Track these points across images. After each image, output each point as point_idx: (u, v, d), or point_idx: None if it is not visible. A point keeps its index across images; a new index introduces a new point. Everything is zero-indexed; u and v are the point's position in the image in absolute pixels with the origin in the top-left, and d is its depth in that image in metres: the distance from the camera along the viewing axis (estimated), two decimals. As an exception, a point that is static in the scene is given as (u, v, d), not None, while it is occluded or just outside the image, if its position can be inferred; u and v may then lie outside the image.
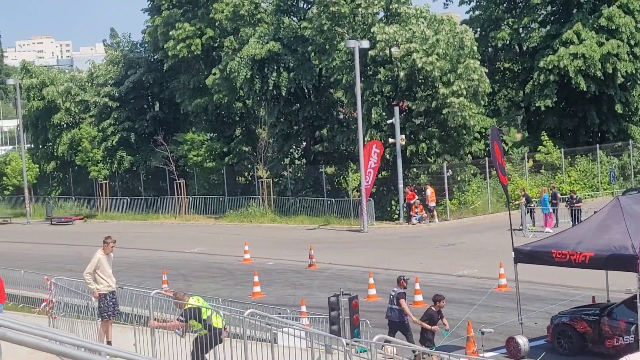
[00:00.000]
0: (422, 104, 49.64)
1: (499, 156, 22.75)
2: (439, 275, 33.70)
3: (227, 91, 58.12)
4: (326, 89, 57.83)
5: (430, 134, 50.40)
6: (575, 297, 25.44)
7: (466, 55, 49.44)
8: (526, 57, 60.03)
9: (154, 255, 44.12)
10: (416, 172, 51.24)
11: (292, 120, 57.99)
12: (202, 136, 62.49)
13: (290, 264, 38.84)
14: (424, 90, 50.00)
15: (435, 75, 48.43)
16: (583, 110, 57.84)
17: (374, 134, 50.71)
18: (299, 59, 54.73)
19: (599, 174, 55.12)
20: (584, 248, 20.25)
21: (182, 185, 61.22)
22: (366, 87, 50.75)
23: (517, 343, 21.59)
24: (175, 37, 59.54)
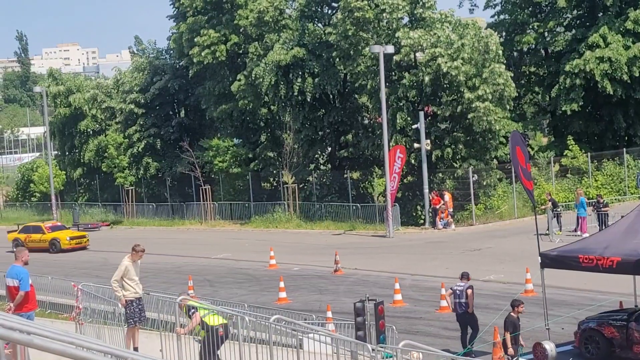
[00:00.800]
0: (447, 109, 49.54)
1: (522, 161, 22.63)
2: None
3: (252, 97, 58.25)
4: (351, 94, 57.85)
5: (455, 138, 50.29)
6: (602, 303, 25.26)
7: (491, 60, 49.32)
8: (552, 61, 59.77)
9: (180, 261, 44.25)
10: (442, 177, 51.14)
11: (317, 126, 58.02)
12: (227, 142, 62.63)
13: (315, 270, 38.84)
14: (449, 94, 49.90)
15: (460, 79, 48.33)
16: (609, 114, 57.51)
17: (399, 139, 50.65)
18: (323, 64, 54.77)
19: (625, 178, 54.76)
20: (611, 253, 20.10)
21: (208, 191, 61.36)
22: (391, 92, 50.70)
23: (544, 349, 21.46)
24: (200, 43, 59.73)
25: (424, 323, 27.11)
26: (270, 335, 16.46)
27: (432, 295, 30.27)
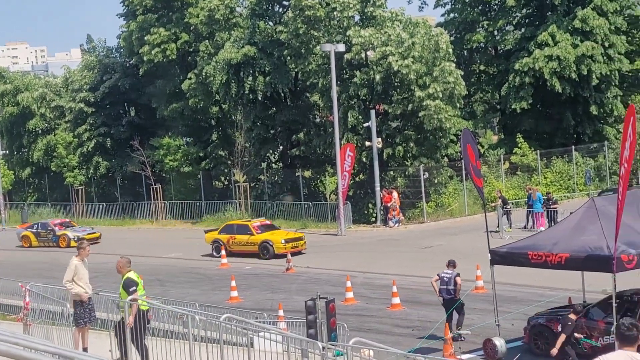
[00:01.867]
0: (398, 107, 49.71)
1: (472, 159, 22.75)
2: (416, 277, 33.68)
3: (203, 96, 58.02)
4: (302, 92, 57.86)
5: (406, 136, 50.48)
6: (551, 298, 25.45)
7: (442, 58, 49.57)
8: (501, 59, 60.28)
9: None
10: (393, 175, 51.31)
11: (268, 125, 57.94)
12: (178, 141, 62.36)
13: (267, 268, 38.79)
14: (400, 93, 50.08)
15: (411, 78, 48.52)
16: (558, 112, 58.12)
17: (351, 137, 50.75)
18: (274, 63, 54.67)
19: (574, 175, 55.37)
20: (560, 249, 20.25)
21: (159, 190, 60.99)
22: (342, 90, 50.77)
23: (494, 345, 21.59)
24: (151, 42, 59.39)
25: (376, 320, 27.16)
26: (221, 334, 16.39)
27: (384, 292, 30.34)
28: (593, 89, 56.71)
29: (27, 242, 52.16)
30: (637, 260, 19.31)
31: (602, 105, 58.05)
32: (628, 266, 19.22)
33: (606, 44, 56.38)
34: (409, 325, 26.13)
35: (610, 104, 58.27)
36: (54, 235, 51.44)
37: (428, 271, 34.23)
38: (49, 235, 51.61)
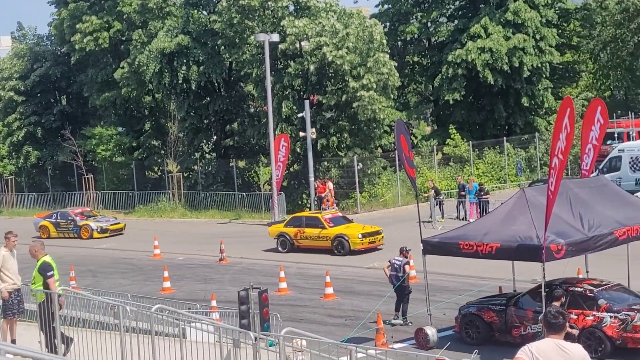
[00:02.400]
0: (332, 98, 49.76)
1: (405, 149, 22.90)
2: (349, 267, 33.87)
3: (135, 85, 57.46)
4: (236, 82, 57.63)
5: (340, 127, 50.57)
6: (482, 288, 25.76)
7: (376, 49, 49.71)
8: (435, 51, 60.70)
9: (62, 252, 43.14)
10: (327, 165, 51.38)
11: (202, 114, 57.63)
12: (110, 130, 61.71)
13: (201, 259, 38.62)
14: (334, 83, 50.13)
15: (345, 68, 48.58)
16: (491, 104, 58.72)
17: (285, 127, 50.68)
18: (208, 52, 54.34)
19: (506, 166, 56.01)
20: (491, 239, 20.50)
21: (91, 180, 60.29)
22: (276, 80, 50.66)
23: (425, 334, 21.80)
24: (82, 30, 58.66)
25: (309, 310, 27.21)
26: (152, 325, 16.27)
27: (317, 282, 30.41)
28: (524, 80, 57.42)
29: (46, 233, 48.69)
30: (566, 250, 19.63)
31: (533, 97, 58.81)
32: (557, 256, 19.53)
33: (537, 36, 57.09)
34: (342, 315, 26.22)
35: (541, 95, 59.07)
36: (74, 225, 48.39)
37: (361, 261, 34.54)
38: (70, 225, 48.60)
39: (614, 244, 21.07)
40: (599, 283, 21.30)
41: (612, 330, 19.86)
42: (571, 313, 20.26)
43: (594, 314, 20.13)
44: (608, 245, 20.90)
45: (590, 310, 20.25)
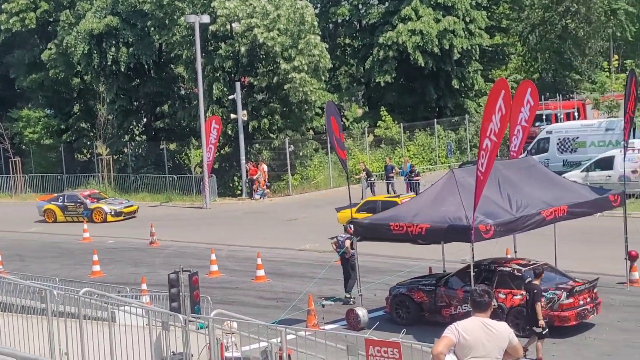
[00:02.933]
0: (263, 80, 49.60)
1: (336, 131, 22.94)
2: (281, 250, 33.87)
3: (64, 66, 56.67)
4: (167, 64, 57.12)
5: (272, 109, 50.47)
6: (412, 268, 25.94)
7: (307, 31, 49.63)
8: (366, 33, 60.78)
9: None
10: (258, 147, 51.26)
11: (132, 97, 57.00)
12: (38, 113, 60.79)
13: (131, 242, 38.28)
14: (266, 65, 49.95)
15: (276, 50, 48.43)
16: (421, 86, 59.03)
17: (216, 109, 50.41)
18: (138, 33, 53.73)
19: (436, 147, 56.43)
20: (421, 220, 20.63)
21: (18, 163, 59.24)
22: (207, 62, 50.30)
23: (356, 315, 21.89)
24: (8, 10, 57.63)
25: (241, 293, 27.17)
26: (80, 308, 16.08)
27: (249, 265, 30.34)
28: (455, 63, 57.81)
29: (52, 217, 46.36)
30: (495, 230, 19.85)
31: (463, 79, 59.27)
32: (485, 236, 19.73)
33: (467, 19, 57.51)
34: (274, 297, 26.22)
35: (471, 78, 59.56)
36: (85, 209, 45.94)
37: (293, 243, 34.58)
38: (79, 209, 46.15)
39: (542, 224, 21.37)
40: (527, 263, 21.59)
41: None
42: (499, 292, 20.56)
43: (522, 293, 20.38)
44: (535, 226, 21.19)
45: (518, 289, 20.51)
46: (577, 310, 20.20)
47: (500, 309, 20.34)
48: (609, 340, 19.49)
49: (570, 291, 20.08)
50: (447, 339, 9.49)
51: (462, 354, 9.50)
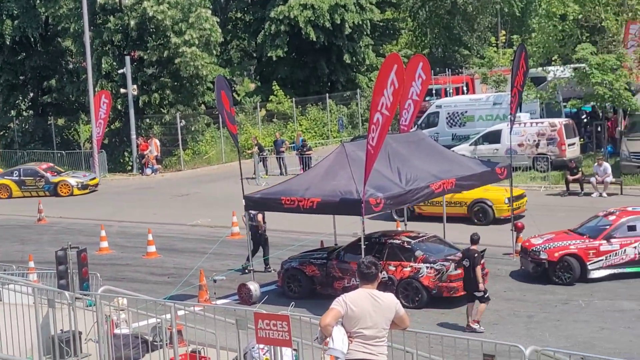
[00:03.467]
0: (153, 54, 48.97)
1: (227, 106, 22.77)
2: (172, 225, 33.60)
3: (-56, 39, 54.82)
4: (54, 38, 55.84)
5: (162, 84, 49.91)
6: (304, 242, 26.06)
7: (197, 5, 49.15)
8: (257, 7, 60.38)
9: None
10: (149, 122, 50.68)
11: (17, 71, 55.50)
12: None
13: (18, 219, 37.47)
14: (156, 39, 49.31)
15: (166, 24, 47.85)
16: (313, 61, 59.04)
17: (105, 84, 49.59)
18: (23, 6, 52.35)
19: (328, 122, 56.64)
20: (312, 194, 20.69)
21: None
22: (95, 36, 49.41)
23: (248, 289, 21.88)
24: None
25: (131, 269, 26.86)
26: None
27: (139, 241, 30.01)
28: (346, 38, 57.96)
29: (7, 193, 43.95)
30: (385, 204, 20.05)
31: (354, 54, 59.48)
32: (376, 209, 19.93)
33: (358, -7, 57.69)
34: (165, 273, 26.01)
35: (363, 53, 59.83)
36: (47, 182, 43.89)
37: (184, 219, 34.35)
38: (40, 183, 43.99)
39: (430, 196, 21.72)
40: (416, 235, 21.90)
41: (429, 280, 20.49)
42: (389, 265, 20.81)
43: (411, 265, 20.70)
44: (425, 198, 21.53)
45: (408, 261, 20.81)
46: (465, 281, 20.55)
47: (391, 280, 20.63)
48: (495, 310, 19.93)
49: (459, 262, 20.44)
50: (335, 311, 9.57)
51: (350, 325, 9.59)
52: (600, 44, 40.55)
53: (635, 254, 22.08)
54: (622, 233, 22.31)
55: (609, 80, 36.91)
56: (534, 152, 38.44)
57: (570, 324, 18.98)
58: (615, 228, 22.43)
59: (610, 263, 22.08)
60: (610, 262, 22.08)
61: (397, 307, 9.81)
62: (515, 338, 17.11)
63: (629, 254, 22.09)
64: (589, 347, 17.18)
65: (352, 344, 9.58)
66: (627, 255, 22.08)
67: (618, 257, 22.09)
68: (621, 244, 22.13)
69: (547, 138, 38.30)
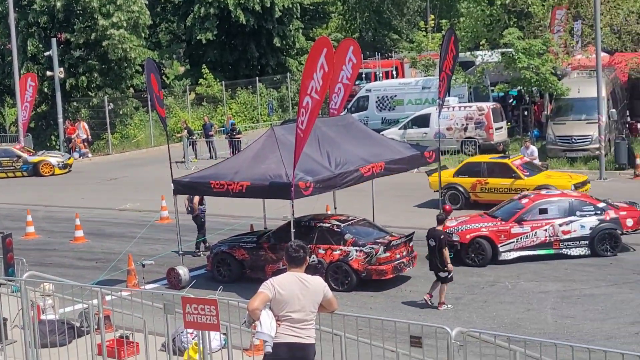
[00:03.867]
0: (81, 36, 48.37)
1: (155, 88, 22.58)
2: (101, 210, 33.24)
3: None
4: (-23, 19, 54.73)
5: (90, 66, 49.32)
6: (233, 226, 26.00)
7: (125, -13, 48.59)
8: (187, -10, 59.94)
9: None
10: (77, 105, 50.06)
11: (-61, 53, 54.39)
12: None
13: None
14: (83, 21, 48.72)
15: (93, 6, 47.28)
16: (243, 44, 58.82)
17: (31, 66, 48.87)
18: (-54, -14, 51.26)
19: (258, 106, 56.51)
20: (241, 178, 20.63)
21: None
22: (21, 17, 48.65)
23: (177, 274, 21.76)
24: None
25: (58, 254, 26.52)
26: None
27: (67, 226, 29.63)
28: (276, 21, 57.81)
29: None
30: (314, 187, 20.08)
31: (284, 38, 59.37)
32: (305, 193, 19.94)
33: (288, -24, 57.53)
34: (93, 257, 25.73)
35: (293, 36, 59.77)
36: (25, 162, 42.76)
37: (112, 203, 34.01)
38: (17, 163, 42.79)
39: (360, 180, 21.78)
40: (346, 218, 21.99)
41: (358, 263, 20.59)
42: (319, 248, 20.87)
43: (340, 249, 20.78)
44: (354, 182, 21.58)
45: (337, 244, 20.88)
46: (394, 264, 20.73)
47: (320, 264, 20.69)
48: (423, 292, 20.08)
49: (387, 245, 20.58)
50: (263, 295, 9.57)
51: (278, 309, 9.61)
52: (527, 29, 41.09)
53: (546, 237, 22.66)
54: (534, 216, 22.86)
55: (535, 65, 37.44)
56: (462, 135, 38.88)
57: (497, 305, 19.25)
58: (527, 211, 22.99)
59: (521, 245, 22.65)
60: (521, 244, 22.65)
61: (325, 290, 9.85)
62: (443, 320, 17.30)
63: (540, 237, 22.66)
64: (514, 328, 17.44)
65: (280, 328, 9.60)
66: (537, 238, 22.67)
67: (529, 240, 22.67)
68: (532, 226, 22.69)
69: (475, 122, 38.76)
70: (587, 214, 22.90)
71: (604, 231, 22.71)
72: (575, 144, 36.06)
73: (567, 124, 36.73)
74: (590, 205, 23.15)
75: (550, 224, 22.64)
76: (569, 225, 22.69)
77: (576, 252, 22.67)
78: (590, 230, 22.69)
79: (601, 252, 22.61)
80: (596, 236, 22.64)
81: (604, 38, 39.26)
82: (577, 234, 22.69)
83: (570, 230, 22.68)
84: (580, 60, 42.62)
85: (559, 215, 22.85)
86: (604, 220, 22.81)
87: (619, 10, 41.33)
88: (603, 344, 15.64)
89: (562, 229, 22.66)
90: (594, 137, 34.77)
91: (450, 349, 10.73)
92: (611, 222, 22.81)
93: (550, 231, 22.62)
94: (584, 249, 22.70)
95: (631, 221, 22.99)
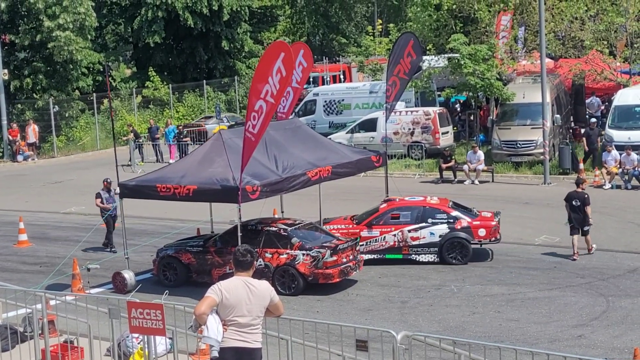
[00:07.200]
0: (25, 38, 47.76)
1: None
2: (45, 213, 32.85)
3: None
4: None
5: (35, 68, 48.74)
6: (180, 230, 25.88)
7: (69, -12, 48.13)
8: (134, -9, 59.56)
9: None
10: (21, 108, 49.50)
11: None
12: None
13: None
14: (28, 23, 48.09)
15: (39, 7, 46.69)
16: (191, 47, 58.58)
17: (-25, 68, 48.19)
18: None
19: (206, 109, 56.29)
20: (188, 181, 20.55)
21: None
22: (-36, 18, 47.96)
23: (123, 278, 21.61)
24: None
25: (1, 258, 26.16)
26: None
27: (11, 229, 29.25)
28: (224, 24, 57.61)
29: None
30: (261, 191, 20.07)
31: (233, 41, 59.23)
32: (252, 196, 19.92)
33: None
34: (37, 262, 25.44)
35: (241, 39, 59.66)
36: None
37: (57, 206, 33.66)
38: None
39: (307, 184, 21.81)
40: (293, 222, 22.00)
41: (305, 267, 20.62)
42: (266, 252, 20.86)
43: (287, 252, 20.78)
44: (301, 186, 21.60)
45: (284, 248, 20.89)
46: (341, 268, 20.79)
47: (267, 268, 20.68)
48: (370, 296, 20.21)
49: (334, 249, 20.63)
50: (210, 299, 9.56)
51: (225, 314, 9.60)
52: (473, 34, 41.46)
53: (395, 242, 23.16)
54: (385, 221, 23.37)
55: (481, 70, 37.77)
56: (409, 140, 39.15)
57: (443, 309, 19.39)
58: (379, 216, 23.52)
59: (370, 248, 23.22)
60: (370, 247, 23.22)
61: (272, 294, 9.86)
62: (389, 323, 17.41)
63: (389, 241, 23.19)
64: (460, 332, 17.58)
65: (226, 332, 9.60)
66: (387, 242, 23.21)
67: (378, 244, 23.23)
68: (381, 231, 23.23)
69: (421, 126, 39.04)
70: (438, 221, 23.27)
71: (453, 240, 23.08)
72: (520, 149, 36.47)
73: (512, 128, 37.12)
74: (443, 214, 23.45)
75: (399, 230, 23.12)
76: (418, 232, 23.16)
77: (425, 259, 23.15)
78: (440, 237, 23.09)
79: (450, 260, 23.01)
80: (444, 244, 23.03)
81: (548, 44, 39.78)
82: (426, 241, 23.12)
83: (419, 236, 23.14)
84: (525, 66, 43.14)
85: (410, 221, 23.30)
86: (454, 229, 23.15)
87: (563, 17, 41.86)
88: (547, 347, 15.84)
89: (411, 235, 23.12)
90: (539, 142, 35.19)
91: (396, 353, 10.81)
92: (461, 230, 23.14)
93: (399, 236, 23.14)
94: (432, 255, 23.14)
95: (484, 231, 23.18)
